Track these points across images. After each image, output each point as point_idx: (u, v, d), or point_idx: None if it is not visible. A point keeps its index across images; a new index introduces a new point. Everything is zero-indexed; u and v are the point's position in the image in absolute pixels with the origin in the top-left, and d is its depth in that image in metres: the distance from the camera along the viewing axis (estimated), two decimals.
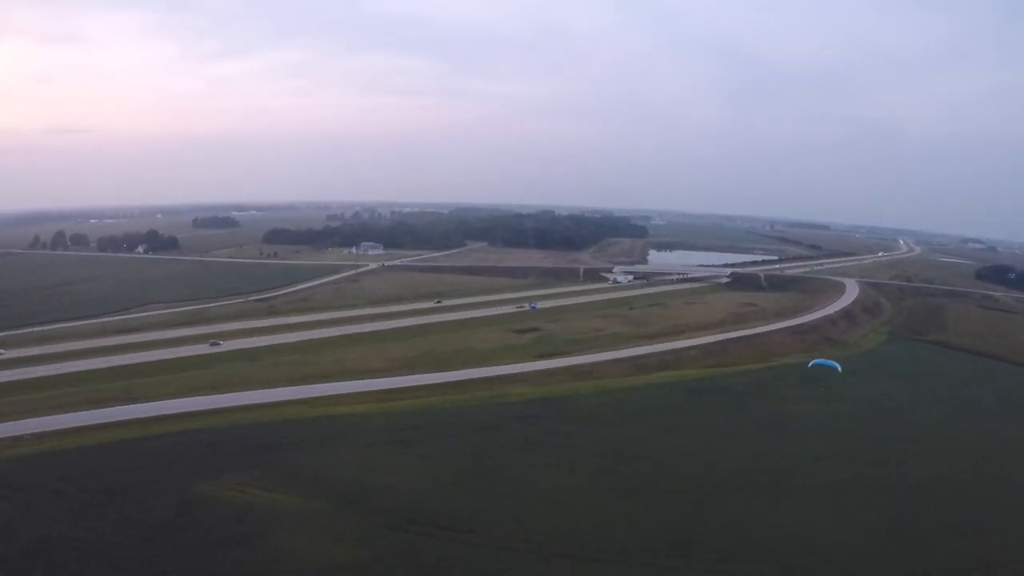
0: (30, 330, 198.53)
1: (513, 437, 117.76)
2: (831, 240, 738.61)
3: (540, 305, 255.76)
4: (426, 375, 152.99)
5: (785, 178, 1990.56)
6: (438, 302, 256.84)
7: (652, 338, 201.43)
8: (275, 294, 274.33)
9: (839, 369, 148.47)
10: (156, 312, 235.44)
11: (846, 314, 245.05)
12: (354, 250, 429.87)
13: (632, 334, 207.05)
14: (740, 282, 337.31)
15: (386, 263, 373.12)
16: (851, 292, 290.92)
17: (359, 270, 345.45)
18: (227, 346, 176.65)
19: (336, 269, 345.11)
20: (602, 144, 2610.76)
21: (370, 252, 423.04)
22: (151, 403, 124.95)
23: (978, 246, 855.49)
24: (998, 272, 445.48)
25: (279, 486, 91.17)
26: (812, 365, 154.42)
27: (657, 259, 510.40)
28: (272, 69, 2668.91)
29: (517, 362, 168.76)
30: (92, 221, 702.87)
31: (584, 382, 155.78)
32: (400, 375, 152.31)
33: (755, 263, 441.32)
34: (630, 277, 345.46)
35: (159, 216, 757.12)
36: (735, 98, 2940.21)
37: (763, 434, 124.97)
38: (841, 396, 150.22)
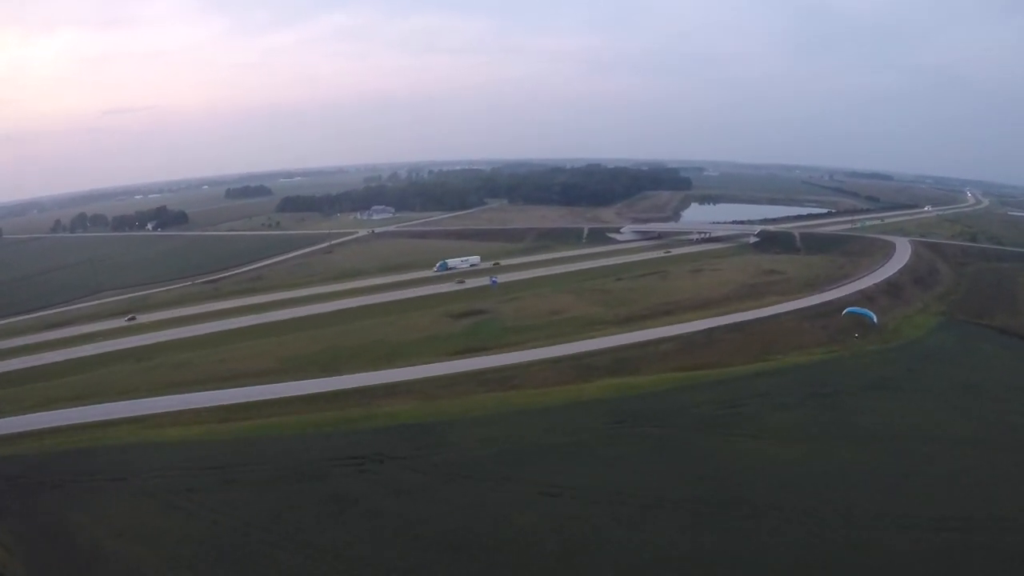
0: None
1: (332, 493, 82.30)
2: (892, 191, 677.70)
3: (514, 276, 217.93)
4: (303, 381, 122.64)
5: (848, 128, 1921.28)
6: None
7: (623, 323, 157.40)
8: (230, 273, 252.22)
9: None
10: (99, 302, 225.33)
11: (891, 286, 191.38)
12: (360, 215, 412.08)
13: (600, 317, 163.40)
14: (770, 242, 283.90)
15: (382, 229, 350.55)
16: (902, 255, 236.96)
17: (345, 238, 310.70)
18: (128, 343, 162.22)
19: (324, 238, 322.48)
20: (660, 98, 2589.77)
21: (376, 216, 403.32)
22: None
23: None
24: None
25: None
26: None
27: (696, 214, 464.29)
28: (323, 36, 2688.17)
29: (428, 361, 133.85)
30: (136, 198, 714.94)
31: (494, 394, 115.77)
32: (273, 381, 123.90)
33: (799, 218, 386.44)
34: (638, 237, 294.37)
35: (205, 188, 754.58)
36: (798, 48, 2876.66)
37: (682, 521, 76.51)
38: (849, 429, 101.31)
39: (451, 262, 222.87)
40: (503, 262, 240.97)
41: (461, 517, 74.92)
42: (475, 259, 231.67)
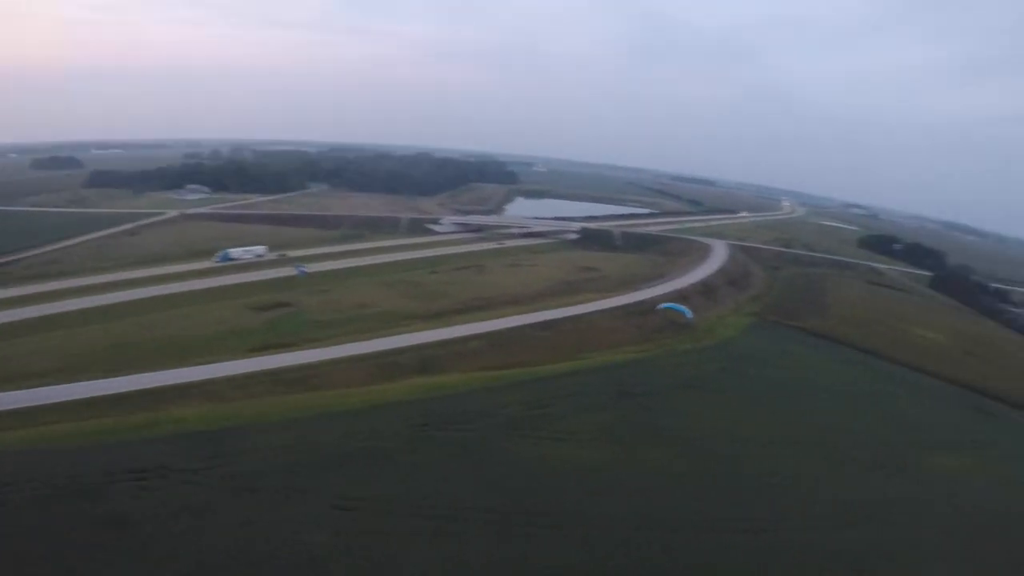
0: None
1: (107, 514, 68.76)
2: (714, 196, 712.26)
3: (326, 266, 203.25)
4: (86, 383, 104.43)
5: (678, 134, 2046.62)
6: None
7: (435, 318, 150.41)
8: (24, 255, 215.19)
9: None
10: None
11: (705, 287, 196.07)
12: (173, 194, 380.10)
13: (411, 312, 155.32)
14: (590, 239, 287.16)
15: (193, 210, 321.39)
16: (717, 257, 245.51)
17: (154, 219, 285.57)
18: None
19: (132, 218, 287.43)
20: (497, 91, 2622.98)
21: (190, 197, 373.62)
22: None
23: (860, 212, 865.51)
24: (882, 242, 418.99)
25: None
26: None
27: (521, 208, 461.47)
28: None
29: (224, 358, 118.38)
30: None
31: (292, 396, 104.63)
32: (54, 382, 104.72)
33: (621, 217, 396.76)
34: (458, 229, 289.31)
35: (13, 156, 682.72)
36: (636, 54, 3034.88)
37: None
38: (658, 431, 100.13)
39: (234, 252, 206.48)
40: (315, 251, 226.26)
41: (246, 538, 65.97)
42: (260, 249, 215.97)
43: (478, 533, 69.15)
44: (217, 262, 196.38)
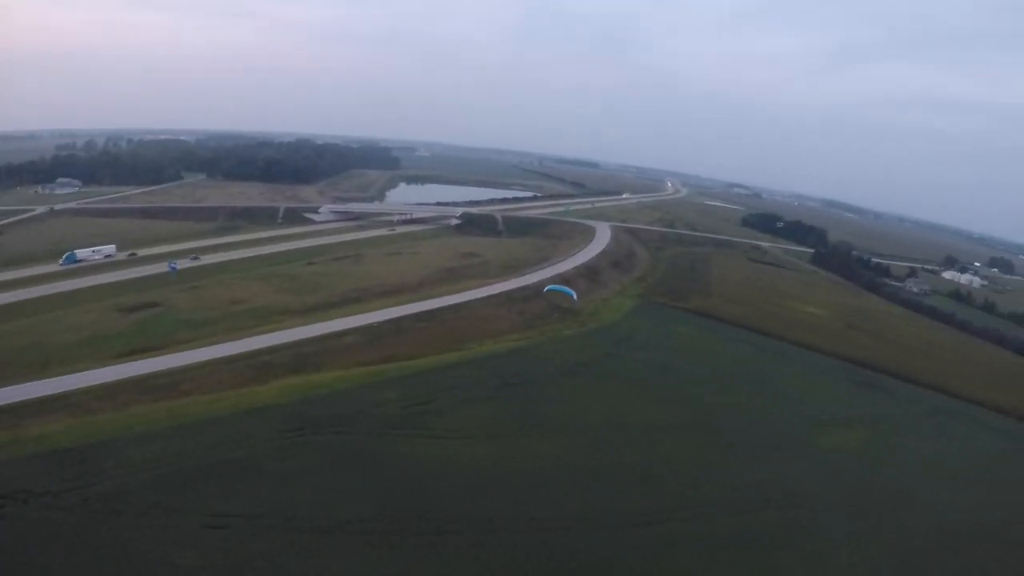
0: None
1: None
2: (598, 179, 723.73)
3: (201, 260, 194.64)
4: None
5: (563, 116, 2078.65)
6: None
7: (311, 312, 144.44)
8: None
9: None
10: None
11: (589, 270, 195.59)
12: (42, 188, 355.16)
13: (286, 306, 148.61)
14: (472, 224, 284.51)
15: (62, 206, 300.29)
16: (601, 239, 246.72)
17: (21, 216, 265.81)
18: None
19: None
20: (384, 76, 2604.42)
21: (59, 191, 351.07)
22: None
23: (743, 191, 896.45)
24: (765, 220, 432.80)
25: None
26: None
27: (404, 194, 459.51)
28: None
29: (89, 367, 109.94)
30: None
31: (160, 404, 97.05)
32: None
33: (504, 200, 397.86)
34: (337, 218, 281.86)
35: None
36: (523, 38, 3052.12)
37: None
38: (541, 421, 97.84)
39: (80, 253, 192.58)
40: (181, 246, 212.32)
41: (114, 567, 60.99)
42: (109, 248, 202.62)
43: (356, 547, 65.09)
44: (62, 265, 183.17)
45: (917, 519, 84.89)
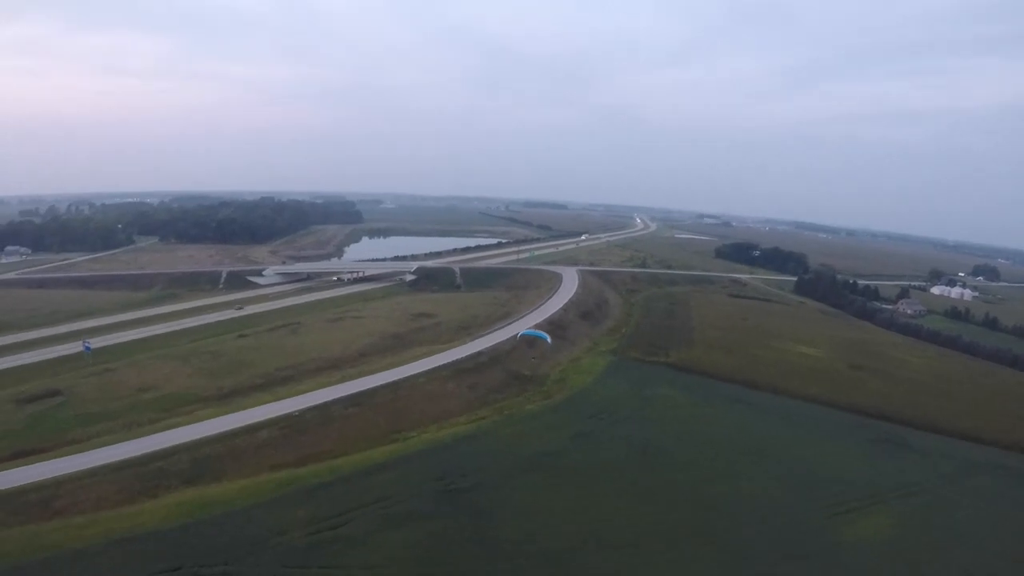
0: None
1: None
2: (565, 220, 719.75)
3: (119, 337, 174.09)
4: None
5: (526, 160, 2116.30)
6: None
7: (227, 398, 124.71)
8: None
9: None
10: None
11: (554, 325, 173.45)
12: None
13: (200, 392, 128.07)
14: (428, 279, 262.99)
15: (1, 276, 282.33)
16: (568, 287, 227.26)
17: None
18: None
19: None
20: (345, 129, 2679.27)
21: (5, 260, 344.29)
22: None
23: (713, 221, 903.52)
24: (740, 250, 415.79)
25: None
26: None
27: (365, 249, 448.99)
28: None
29: None
30: None
31: (25, 528, 79.82)
32: None
33: (467, 250, 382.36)
34: (283, 280, 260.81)
35: None
36: (480, 85, 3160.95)
37: None
38: (484, 549, 74.96)
39: None
40: (106, 320, 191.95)
41: None
42: None
43: None
44: None
45: None
